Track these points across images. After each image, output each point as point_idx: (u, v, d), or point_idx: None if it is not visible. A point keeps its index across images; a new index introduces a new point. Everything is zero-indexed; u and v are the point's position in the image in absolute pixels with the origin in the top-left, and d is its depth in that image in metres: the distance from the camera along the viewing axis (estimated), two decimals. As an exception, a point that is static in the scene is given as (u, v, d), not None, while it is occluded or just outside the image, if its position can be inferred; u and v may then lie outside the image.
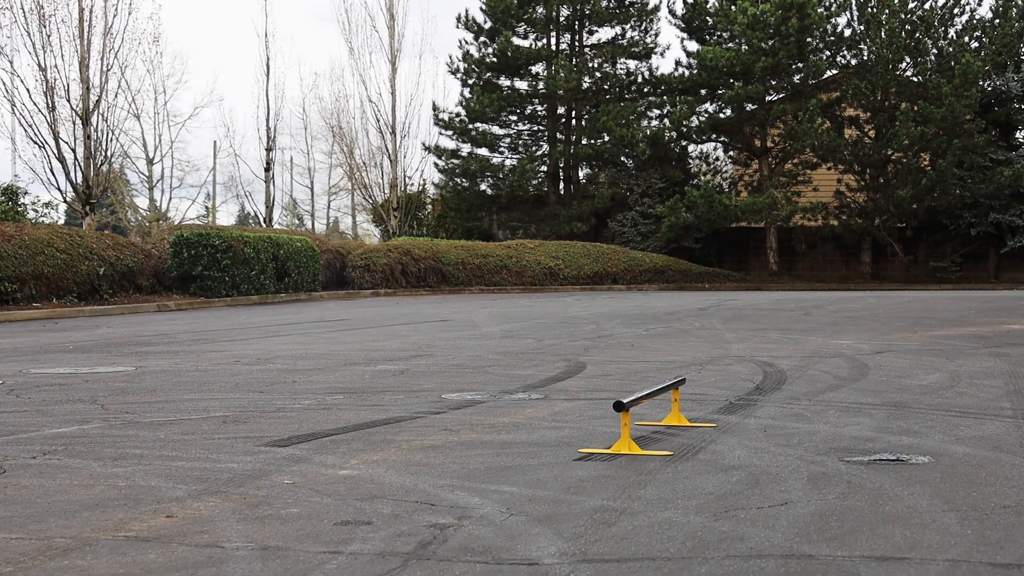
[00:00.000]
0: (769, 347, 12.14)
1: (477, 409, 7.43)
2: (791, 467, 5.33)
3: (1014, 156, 37.59)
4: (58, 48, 28.94)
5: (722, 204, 37.18)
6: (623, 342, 13.09)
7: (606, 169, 42.67)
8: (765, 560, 3.74)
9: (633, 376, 9.40)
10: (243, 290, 25.74)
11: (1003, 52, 38.02)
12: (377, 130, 41.59)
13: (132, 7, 31.06)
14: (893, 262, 39.81)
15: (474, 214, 42.32)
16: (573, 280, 35.70)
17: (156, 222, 37.96)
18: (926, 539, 4.00)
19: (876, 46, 37.18)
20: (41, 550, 3.94)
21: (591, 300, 26.71)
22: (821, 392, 8.23)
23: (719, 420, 6.86)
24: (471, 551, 3.88)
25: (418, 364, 10.54)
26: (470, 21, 42.06)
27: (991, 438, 6.15)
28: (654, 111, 41.45)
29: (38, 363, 10.98)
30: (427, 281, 33.74)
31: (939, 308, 20.80)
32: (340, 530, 4.21)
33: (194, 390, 8.61)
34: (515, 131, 42.73)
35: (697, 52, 39.45)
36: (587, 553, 3.85)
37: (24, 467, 5.49)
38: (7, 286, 20.47)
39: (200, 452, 5.86)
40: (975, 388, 8.44)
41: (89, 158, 29.29)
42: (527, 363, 10.60)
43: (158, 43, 37.76)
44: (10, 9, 28.93)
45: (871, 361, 10.53)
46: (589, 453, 5.76)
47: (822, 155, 37.59)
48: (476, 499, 4.70)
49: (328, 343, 13.41)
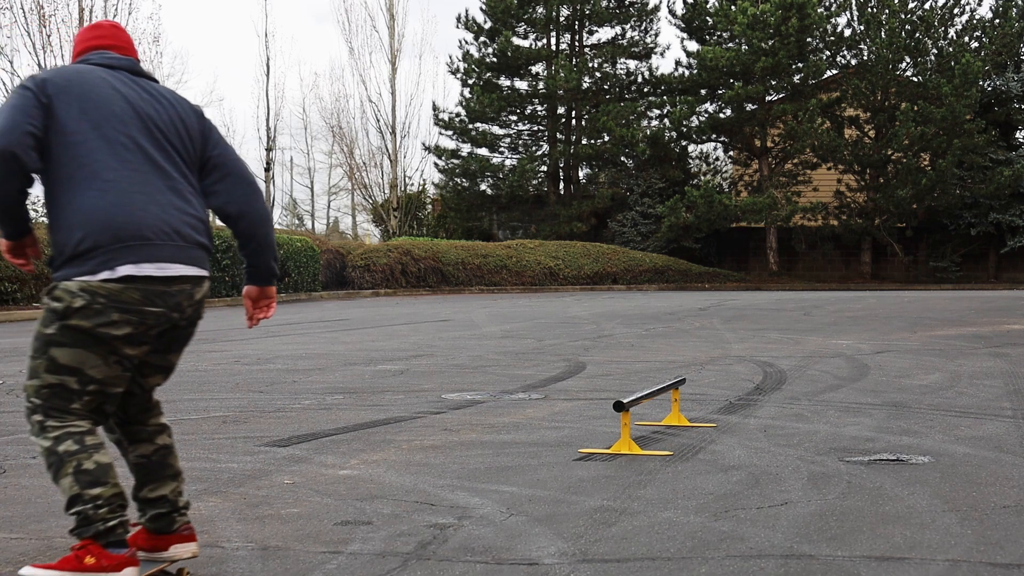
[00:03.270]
0: (769, 347, 12.14)
1: (477, 409, 7.43)
2: (791, 467, 5.33)
3: (1014, 156, 37.59)
4: (58, 48, 29.00)
5: (722, 204, 37.18)
6: (623, 342, 13.09)
7: (606, 169, 42.67)
8: (765, 560, 3.74)
9: (633, 376, 9.40)
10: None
11: (1003, 52, 38.02)
12: (377, 130, 41.66)
13: (132, 7, 31.16)
14: (893, 262, 39.81)
15: (474, 214, 42.32)
16: (573, 280, 35.70)
17: (156, 222, 38.01)
18: (926, 539, 4.00)
19: (876, 46, 37.18)
20: (41, 550, 3.94)
21: (591, 300, 26.71)
22: (821, 392, 8.23)
23: (719, 420, 6.86)
24: (471, 551, 3.88)
25: (418, 364, 10.54)
26: (470, 21, 42.07)
27: (991, 438, 6.15)
28: (654, 111, 41.44)
29: (38, 363, 10.99)
30: (427, 281, 33.75)
31: (939, 308, 20.80)
32: (340, 530, 4.21)
33: (194, 390, 8.61)
34: (515, 131, 42.74)
35: (697, 52, 39.45)
36: (587, 553, 3.85)
37: (24, 467, 5.49)
38: (7, 286, 20.48)
39: (200, 452, 5.86)
40: (975, 388, 8.44)
41: (89, 158, 29.35)
42: (527, 363, 10.61)
43: (158, 43, 37.88)
44: (10, 9, 29.00)
45: (871, 361, 10.53)
46: (589, 453, 5.76)
47: (822, 155, 37.58)
48: (476, 499, 4.70)
49: (328, 343, 13.41)
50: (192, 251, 3.32)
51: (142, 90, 3.35)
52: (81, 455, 3.19)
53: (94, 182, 3.15)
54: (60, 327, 3.19)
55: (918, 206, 37.35)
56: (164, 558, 3.47)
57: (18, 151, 3.07)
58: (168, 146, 3.32)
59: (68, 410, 3.26)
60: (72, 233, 3.14)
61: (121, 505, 3.22)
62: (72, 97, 3.19)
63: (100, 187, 3.15)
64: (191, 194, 3.35)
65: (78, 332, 3.18)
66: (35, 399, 3.29)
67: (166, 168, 3.30)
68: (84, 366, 3.22)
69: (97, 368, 3.23)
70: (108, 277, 3.14)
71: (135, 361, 3.34)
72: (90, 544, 3.14)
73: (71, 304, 3.15)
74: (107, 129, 3.20)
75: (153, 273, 3.19)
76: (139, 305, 3.19)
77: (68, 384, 3.23)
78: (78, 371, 3.22)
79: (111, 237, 3.14)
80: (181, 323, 3.37)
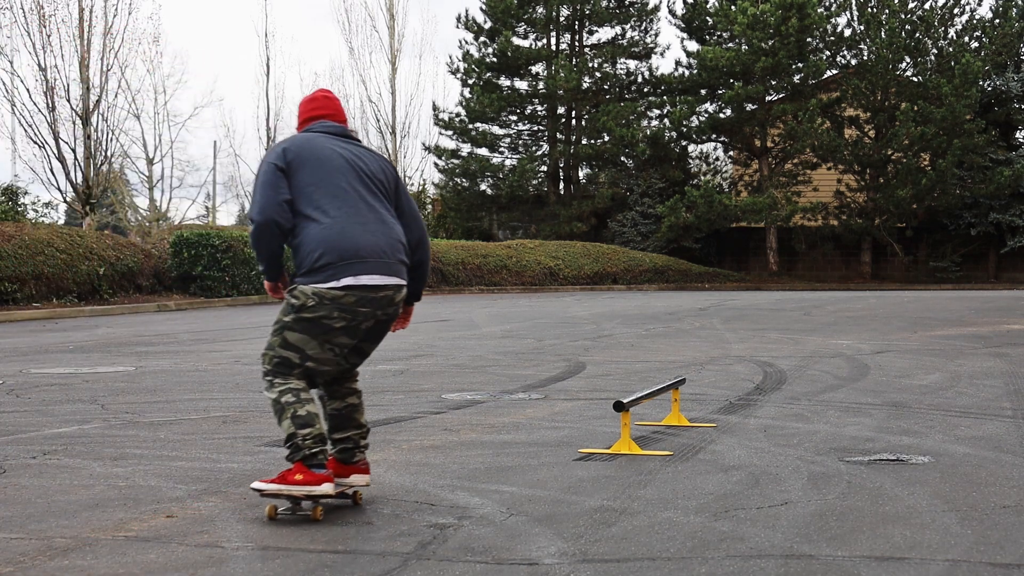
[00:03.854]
0: (769, 347, 12.14)
1: (477, 409, 7.43)
2: (791, 467, 5.33)
3: (1014, 156, 37.58)
4: (58, 48, 28.90)
5: (722, 204, 37.16)
6: (623, 342, 13.09)
7: (606, 169, 42.65)
8: (765, 560, 3.74)
9: (633, 376, 9.40)
10: (243, 290, 25.74)
11: (1003, 52, 38.00)
12: (377, 130, 41.51)
13: (132, 7, 30.94)
14: (893, 262, 39.80)
15: (474, 214, 42.30)
16: (573, 280, 35.69)
17: (156, 222, 37.93)
18: (926, 539, 4.00)
19: (876, 46, 37.16)
20: (41, 550, 3.94)
21: (591, 300, 26.71)
22: (821, 392, 8.23)
23: (719, 420, 6.86)
24: (471, 551, 3.88)
25: (418, 364, 10.54)
26: (470, 21, 42.05)
27: (991, 438, 6.15)
28: (654, 111, 41.41)
29: (38, 363, 10.99)
30: (427, 281, 33.72)
31: (939, 308, 20.80)
32: (340, 530, 4.21)
33: (194, 390, 8.61)
34: (515, 131, 42.71)
35: (697, 52, 39.43)
36: (587, 553, 3.85)
37: (24, 467, 5.49)
38: (7, 286, 20.47)
39: (200, 452, 5.87)
40: (975, 388, 8.44)
41: (89, 158, 29.26)
42: (527, 363, 10.60)
43: (158, 43, 37.62)
44: (10, 9, 28.88)
45: (871, 361, 10.53)
46: (589, 453, 5.76)
47: (822, 155, 37.56)
48: (476, 499, 4.70)
49: (328, 343, 13.40)
50: (394, 266, 4.51)
51: (352, 148, 4.63)
52: (296, 405, 4.39)
53: (324, 218, 4.40)
54: (295, 317, 4.40)
55: (918, 206, 37.34)
56: (345, 483, 4.60)
57: (278, 219, 4.40)
58: (375, 187, 4.57)
59: (289, 374, 4.45)
60: (312, 253, 4.38)
61: (322, 440, 4.38)
62: (304, 160, 4.48)
63: (329, 223, 4.40)
64: (393, 222, 4.58)
65: (306, 322, 4.38)
66: (267, 364, 4.51)
67: (374, 204, 4.53)
68: (305, 347, 4.42)
69: (314, 350, 4.42)
70: (333, 286, 4.36)
71: (346, 349, 4.50)
72: (299, 465, 4.33)
73: (305, 303, 4.38)
74: (331, 180, 4.46)
75: (365, 283, 4.40)
76: (353, 306, 4.40)
77: (291, 359, 4.44)
78: (300, 350, 4.43)
79: (337, 257, 4.37)
80: (383, 319, 4.53)
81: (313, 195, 4.43)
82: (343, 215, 4.42)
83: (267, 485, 4.36)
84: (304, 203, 4.42)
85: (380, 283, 4.43)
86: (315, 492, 4.30)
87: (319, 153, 4.51)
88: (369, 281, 4.40)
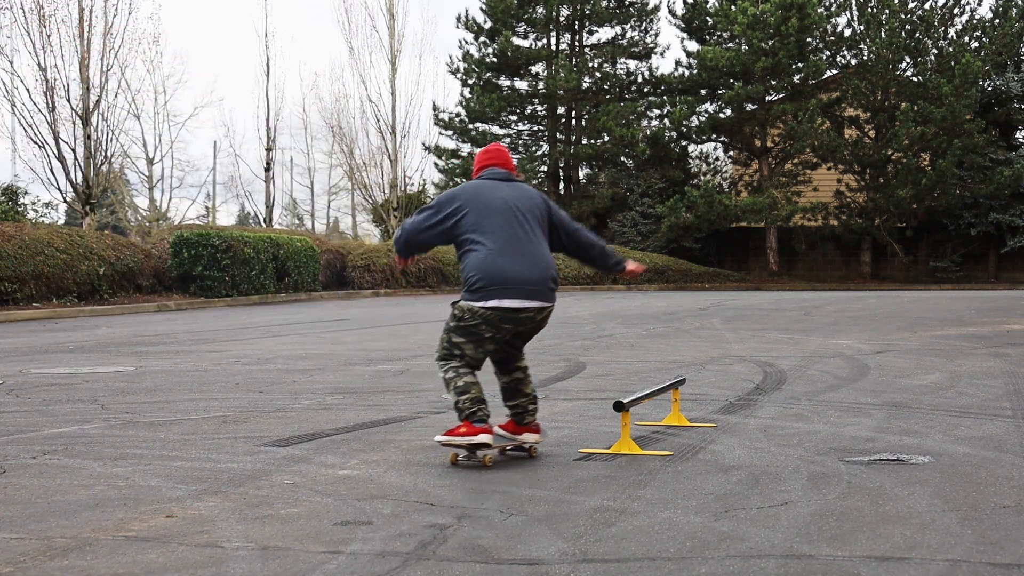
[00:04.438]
0: (769, 347, 12.14)
1: (477, 409, 7.42)
2: (791, 467, 5.33)
3: (1014, 156, 37.58)
4: (58, 48, 28.90)
5: (722, 204, 37.17)
6: (623, 342, 13.09)
7: (606, 169, 42.66)
8: (765, 560, 3.74)
9: (633, 376, 9.40)
10: (243, 290, 25.75)
11: (1003, 52, 38.00)
12: (377, 130, 41.50)
13: (132, 7, 30.98)
14: (893, 262, 39.80)
15: (474, 214, 42.29)
16: (573, 280, 35.70)
17: (156, 222, 37.94)
18: (926, 539, 4.00)
19: (876, 46, 37.17)
20: (41, 550, 3.94)
21: (591, 300, 26.71)
22: (821, 392, 8.23)
23: (719, 420, 6.86)
24: (471, 551, 3.88)
25: (418, 364, 10.54)
26: (470, 21, 42.06)
27: (991, 438, 6.15)
28: (654, 111, 41.42)
29: (38, 363, 10.99)
30: (427, 281, 33.75)
31: (939, 308, 20.80)
32: (340, 530, 4.21)
33: (194, 390, 8.61)
34: (515, 131, 42.72)
35: (697, 52, 39.44)
36: (587, 553, 3.85)
37: (24, 467, 5.49)
38: (7, 286, 20.47)
39: (200, 452, 5.87)
40: (975, 388, 8.44)
41: (89, 158, 29.26)
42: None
43: (158, 43, 37.71)
44: (10, 9, 28.88)
45: (871, 361, 10.53)
46: (589, 453, 5.76)
47: (822, 155, 37.57)
48: (476, 499, 4.70)
49: (328, 343, 13.41)
50: (538, 292, 5.56)
51: (513, 189, 5.74)
52: (456, 379, 5.53)
53: (482, 249, 5.54)
54: (455, 325, 5.58)
55: (918, 206, 37.34)
56: (519, 440, 5.74)
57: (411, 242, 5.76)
58: (526, 222, 5.65)
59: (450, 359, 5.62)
60: (471, 276, 5.53)
61: (479, 402, 5.44)
62: (471, 202, 5.63)
63: (485, 252, 5.53)
64: (543, 250, 5.67)
65: (463, 330, 5.56)
66: (438, 351, 5.68)
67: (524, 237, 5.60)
68: (463, 347, 5.58)
69: (470, 350, 5.57)
70: (483, 305, 5.49)
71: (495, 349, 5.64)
72: (465, 423, 5.41)
73: (463, 316, 5.55)
74: (491, 219, 5.59)
75: (507, 306, 5.50)
76: (498, 322, 5.53)
77: (453, 351, 5.61)
78: (460, 348, 5.59)
79: (488, 282, 5.48)
80: (522, 331, 5.67)
81: (476, 230, 5.58)
82: (496, 248, 5.52)
83: (443, 437, 5.46)
84: (470, 236, 5.58)
85: (520, 307, 5.51)
86: (474, 441, 5.36)
87: (484, 198, 5.65)
88: (511, 304, 5.49)
